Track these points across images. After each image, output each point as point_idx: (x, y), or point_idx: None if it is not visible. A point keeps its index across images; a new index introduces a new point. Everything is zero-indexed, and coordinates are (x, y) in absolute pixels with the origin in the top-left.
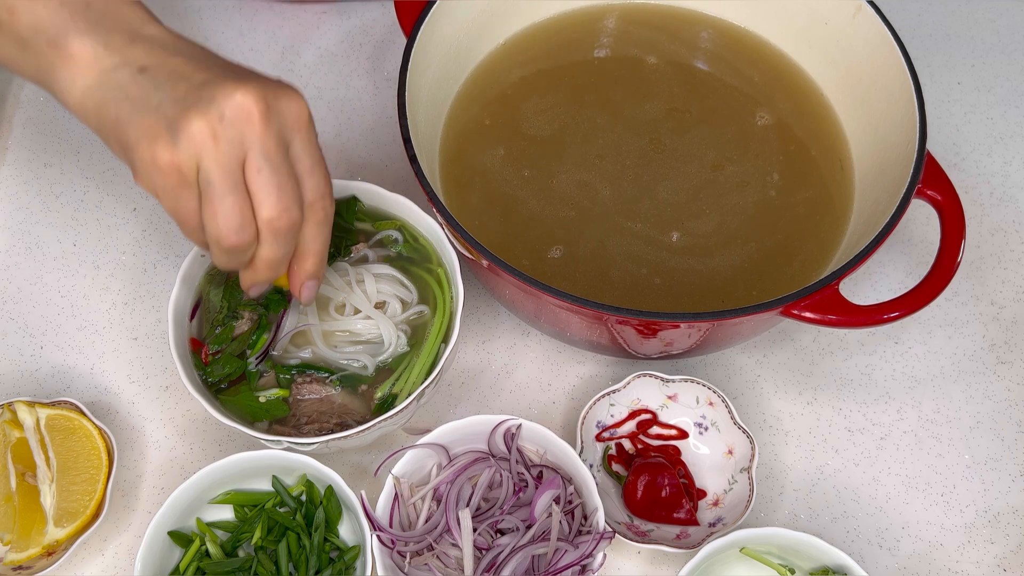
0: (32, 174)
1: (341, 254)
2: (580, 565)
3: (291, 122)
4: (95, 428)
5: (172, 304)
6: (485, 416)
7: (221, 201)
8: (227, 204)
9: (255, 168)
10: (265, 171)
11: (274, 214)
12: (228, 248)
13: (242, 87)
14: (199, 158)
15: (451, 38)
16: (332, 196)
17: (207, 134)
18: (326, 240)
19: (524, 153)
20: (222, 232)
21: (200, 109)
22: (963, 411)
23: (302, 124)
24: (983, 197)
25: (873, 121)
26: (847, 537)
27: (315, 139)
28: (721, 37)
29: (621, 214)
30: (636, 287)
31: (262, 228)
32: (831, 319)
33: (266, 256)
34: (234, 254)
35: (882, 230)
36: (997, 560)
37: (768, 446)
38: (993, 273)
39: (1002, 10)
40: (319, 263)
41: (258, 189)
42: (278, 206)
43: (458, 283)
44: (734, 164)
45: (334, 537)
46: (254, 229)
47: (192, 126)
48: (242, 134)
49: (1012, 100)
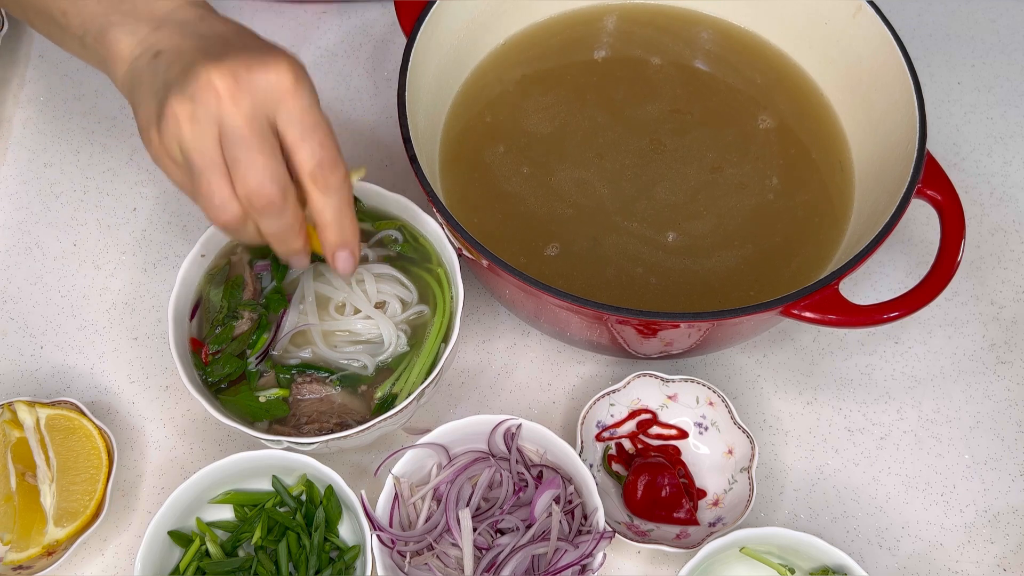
0: (32, 174)
1: None
2: (580, 565)
3: (270, 94)
4: (95, 428)
5: (172, 304)
6: (485, 416)
7: (199, 181)
8: (205, 183)
9: (225, 146)
10: (233, 149)
11: (247, 191)
12: (222, 226)
13: (214, 65)
14: (179, 140)
15: (451, 38)
16: (337, 163)
17: (182, 116)
18: (338, 209)
19: (524, 151)
20: (209, 211)
21: (176, 92)
22: (963, 411)
23: (284, 94)
24: (983, 197)
25: (873, 121)
26: (847, 537)
27: (307, 107)
28: (721, 37)
29: (618, 213)
30: (632, 286)
31: (244, 206)
32: (831, 319)
33: (265, 231)
34: (232, 231)
35: (882, 230)
36: (997, 560)
37: (768, 446)
38: (993, 273)
39: (1002, 10)
40: (340, 233)
41: (232, 168)
42: (250, 184)
43: (458, 283)
44: (733, 166)
45: (334, 537)
46: (238, 206)
47: (169, 109)
48: (213, 113)
49: (1012, 100)
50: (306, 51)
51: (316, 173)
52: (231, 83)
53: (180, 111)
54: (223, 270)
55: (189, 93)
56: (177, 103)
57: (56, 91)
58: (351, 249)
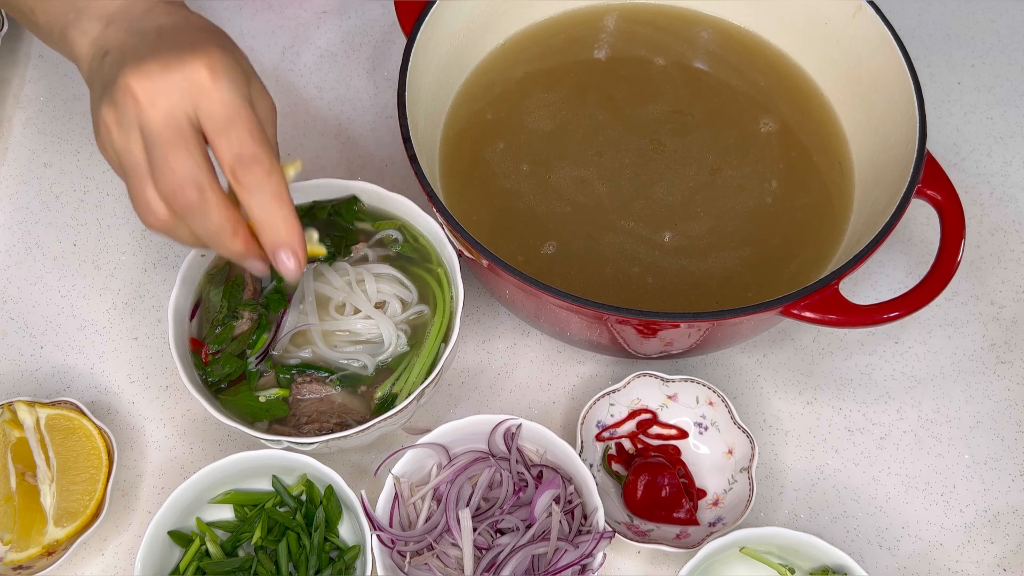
0: (32, 174)
1: (341, 254)
2: (580, 565)
3: (187, 92)
4: (95, 428)
5: (172, 304)
6: (485, 416)
7: (128, 185)
8: (133, 187)
9: (147, 149)
10: (152, 151)
11: (166, 193)
12: (153, 229)
13: (132, 69)
14: (111, 146)
15: (451, 38)
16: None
17: (110, 122)
18: (265, 206)
19: (523, 148)
20: (139, 214)
21: (105, 98)
22: (963, 411)
23: (201, 90)
24: (983, 197)
25: (873, 121)
26: (847, 537)
27: (225, 101)
28: (721, 37)
29: (616, 212)
30: (629, 286)
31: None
32: (831, 319)
33: (197, 233)
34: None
35: (882, 230)
36: (997, 560)
37: (768, 446)
38: (993, 273)
39: (1002, 10)
40: (272, 232)
41: (152, 170)
42: (168, 185)
43: (458, 282)
44: (733, 168)
45: (334, 537)
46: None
47: (100, 116)
48: (132, 117)
49: (1012, 100)
50: (306, 51)
51: (235, 168)
52: (147, 85)
53: (108, 117)
54: (223, 270)
55: (113, 99)
56: (105, 110)
57: (56, 91)
58: (291, 248)
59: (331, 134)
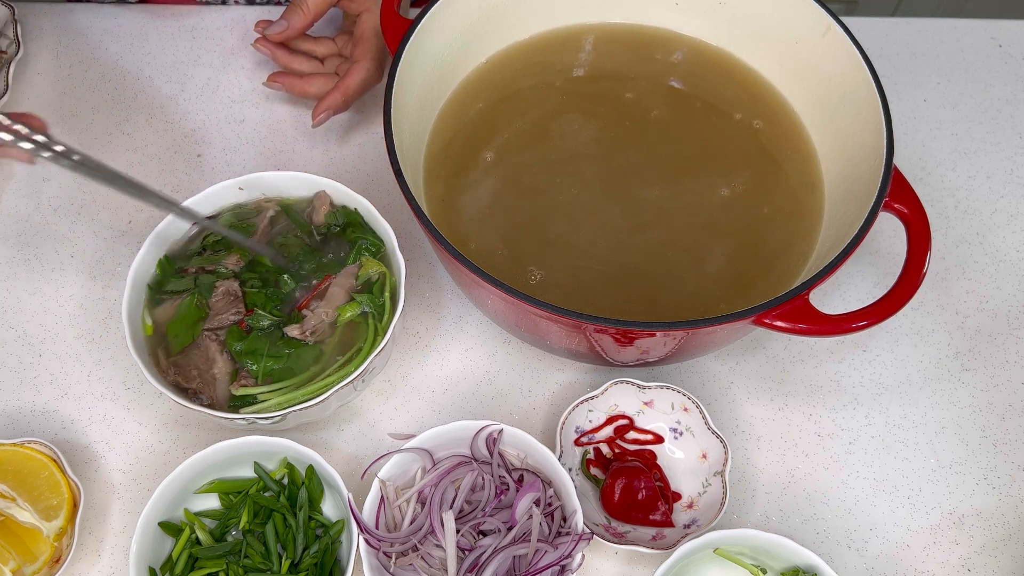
0: (31, 188)
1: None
2: (560, 565)
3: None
4: (44, 448)
5: (133, 268)
6: (468, 422)
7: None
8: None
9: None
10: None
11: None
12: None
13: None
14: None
15: (435, 56)
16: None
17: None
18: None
19: (505, 161)
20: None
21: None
22: (929, 416)
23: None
24: (948, 210)
25: (842, 137)
26: (817, 538)
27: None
28: (695, 56)
29: (593, 222)
30: (606, 295)
31: None
32: (802, 328)
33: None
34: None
35: (851, 242)
36: (962, 560)
37: (741, 450)
38: (958, 284)
39: (966, 30)
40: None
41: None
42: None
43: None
44: (708, 184)
45: (318, 514)
46: None
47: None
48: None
49: (976, 117)
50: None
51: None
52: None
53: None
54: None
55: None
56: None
57: (53, 108)
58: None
59: (319, 148)
